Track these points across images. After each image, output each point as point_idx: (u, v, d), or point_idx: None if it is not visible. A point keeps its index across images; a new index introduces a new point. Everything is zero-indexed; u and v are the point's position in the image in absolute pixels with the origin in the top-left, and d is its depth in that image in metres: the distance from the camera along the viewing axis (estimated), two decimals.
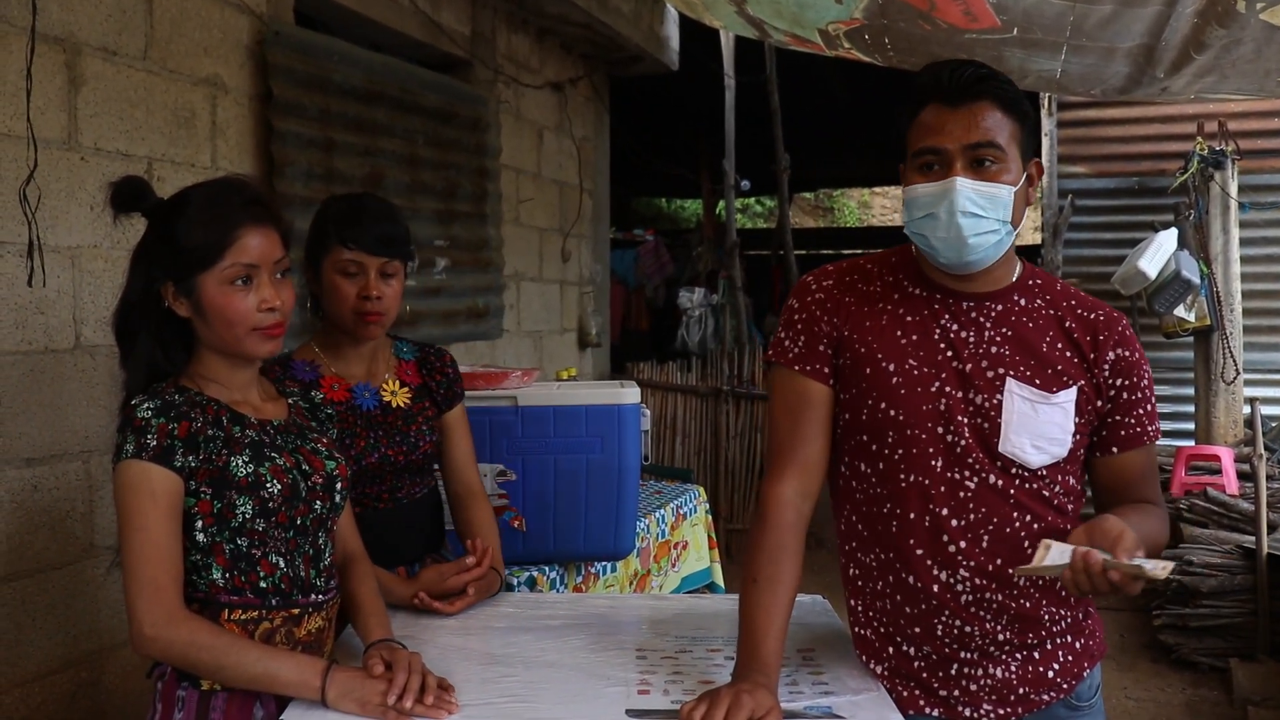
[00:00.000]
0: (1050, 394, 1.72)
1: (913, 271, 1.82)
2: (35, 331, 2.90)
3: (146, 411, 1.66)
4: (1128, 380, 1.76)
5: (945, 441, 1.73)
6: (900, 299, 1.80)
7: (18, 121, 2.81)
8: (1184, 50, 3.57)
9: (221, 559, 1.71)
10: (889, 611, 1.80)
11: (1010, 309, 1.77)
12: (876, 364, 1.76)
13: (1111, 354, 1.75)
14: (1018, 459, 1.71)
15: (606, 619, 2.13)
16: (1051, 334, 1.76)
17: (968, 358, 1.74)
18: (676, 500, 3.95)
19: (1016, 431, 1.71)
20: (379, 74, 4.39)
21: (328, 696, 1.63)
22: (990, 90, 1.68)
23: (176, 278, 1.71)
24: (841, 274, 1.87)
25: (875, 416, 1.76)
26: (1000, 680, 1.76)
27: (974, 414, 1.72)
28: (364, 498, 2.26)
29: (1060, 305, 1.79)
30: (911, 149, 1.73)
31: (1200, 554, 4.84)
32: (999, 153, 1.67)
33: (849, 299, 1.82)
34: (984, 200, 1.67)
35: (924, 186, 1.70)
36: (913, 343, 1.76)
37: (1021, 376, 1.72)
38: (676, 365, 7.41)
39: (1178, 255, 5.82)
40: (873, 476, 1.79)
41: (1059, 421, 1.72)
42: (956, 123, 1.67)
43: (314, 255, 2.27)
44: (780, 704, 1.57)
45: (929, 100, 1.71)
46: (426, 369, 2.41)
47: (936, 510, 1.73)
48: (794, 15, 3.98)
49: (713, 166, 10.50)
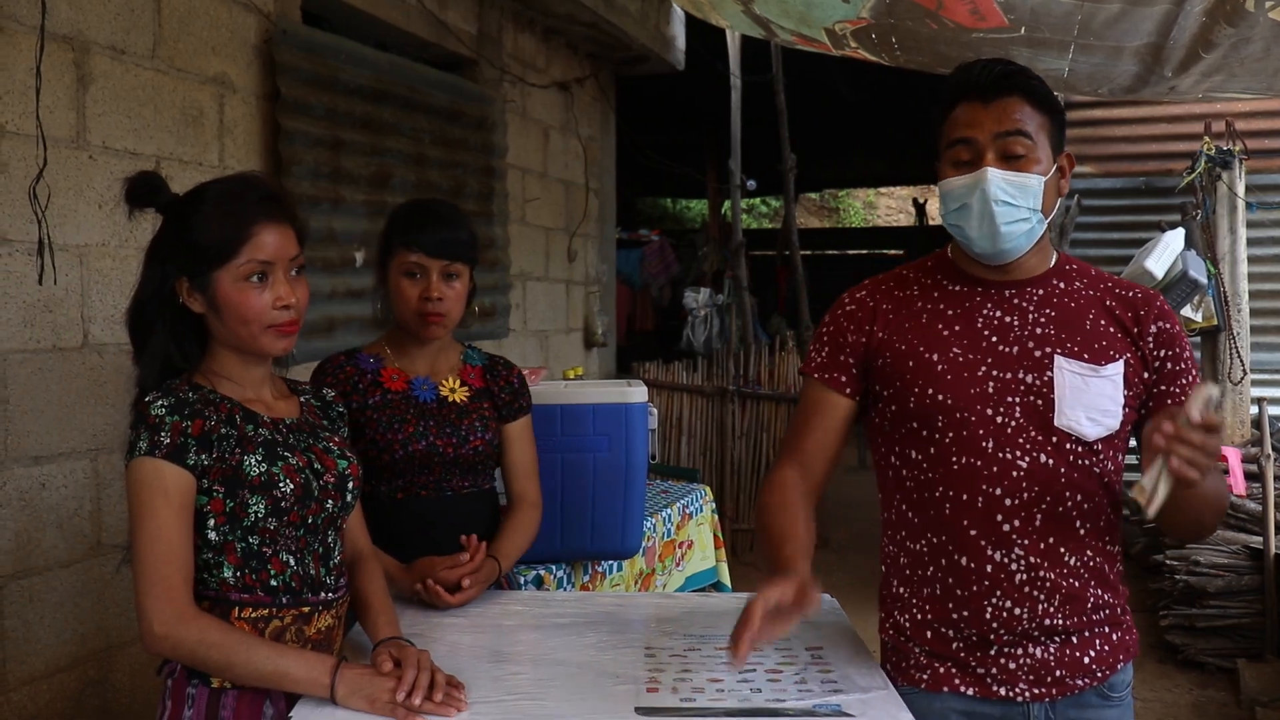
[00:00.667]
0: (1100, 366, 1.76)
1: (951, 271, 1.89)
2: (43, 330, 2.91)
3: (160, 409, 1.67)
4: (1171, 351, 1.80)
5: (995, 423, 1.76)
6: (940, 296, 1.87)
7: (27, 120, 2.82)
8: (1192, 49, 3.57)
9: (233, 557, 1.71)
10: (937, 597, 1.82)
11: (1051, 292, 1.83)
12: (919, 356, 1.82)
13: (1154, 327, 1.81)
14: (1075, 431, 1.75)
15: (615, 617, 2.13)
16: (1094, 311, 1.82)
17: (1013, 340, 1.79)
18: (682, 499, 3.95)
19: (1071, 405, 1.75)
20: (386, 73, 4.40)
21: (337, 694, 1.62)
22: (1020, 85, 1.74)
23: (191, 274, 1.71)
24: (877, 284, 1.94)
25: (924, 403, 1.80)
26: (1039, 660, 1.78)
27: (1026, 392, 1.76)
28: (410, 486, 2.30)
29: (1099, 286, 1.85)
30: (945, 143, 1.79)
31: (1207, 554, 4.83)
32: (1028, 142, 1.73)
33: (886, 305, 1.89)
34: (1014, 189, 1.73)
35: (957, 179, 1.76)
36: (955, 333, 1.82)
37: (1069, 352, 1.77)
38: (682, 365, 7.41)
39: (1185, 255, 5.81)
40: (924, 462, 1.82)
41: (1110, 394, 1.76)
42: (987, 115, 1.74)
43: (382, 258, 2.34)
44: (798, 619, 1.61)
45: (961, 98, 1.77)
46: (492, 375, 2.44)
47: (990, 490, 1.76)
48: (801, 14, 3.98)
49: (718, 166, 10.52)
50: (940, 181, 1.81)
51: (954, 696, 1.80)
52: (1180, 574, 4.80)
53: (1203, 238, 5.99)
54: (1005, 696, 1.78)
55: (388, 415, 2.28)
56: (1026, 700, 1.79)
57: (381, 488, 2.28)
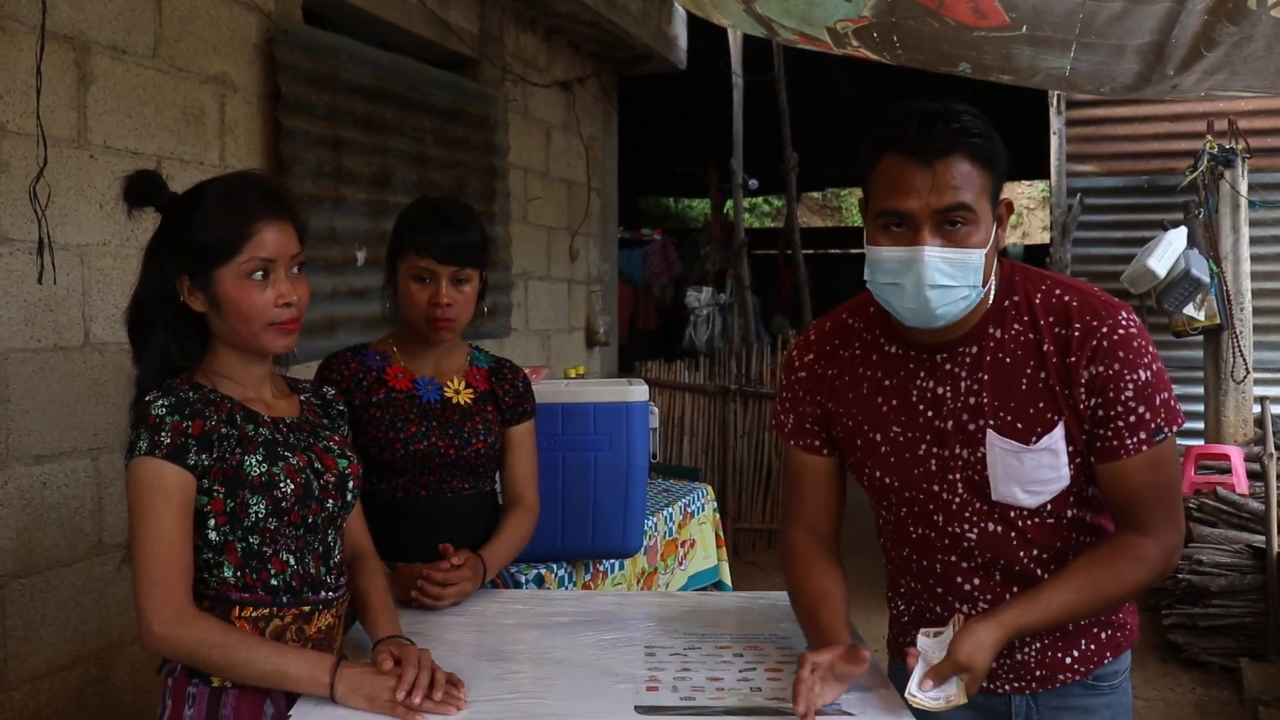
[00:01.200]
0: (1030, 442, 1.68)
1: (888, 328, 1.81)
2: (45, 329, 2.91)
3: (161, 408, 1.66)
4: (1103, 397, 1.65)
5: (941, 499, 1.77)
6: (878, 360, 1.81)
7: (27, 119, 2.82)
8: (1194, 47, 3.55)
9: (233, 557, 1.71)
10: (915, 592, 1.89)
11: (985, 349, 1.72)
12: (865, 435, 1.82)
13: (1085, 374, 1.65)
14: (1012, 503, 1.73)
15: (615, 616, 2.13)
16: (1031, 365, 1.69)
17: (947, 414, 1.74)
18: (684, 499, 3.95)
19: (1004, 482, 1.72)
20: (387, 72, 4.39)
21: (337, 692, 1.62)
22: (960, 145, 1.58)
23: (192, 272, 1.71)
24: (823, 341, 1.88)
25: (875, 483, 1.84)
26: (1018, 663, 1.81)
27: (964, 468, 1.74)
28: (410, 485, 2.29)
29: (1038, 324, 1.70)
30: (874, 207, 1.64)
31: (1210, 553, 4.82)
32: (969, 214, 1.59)
33: (831, 371, 1.86)
34: (953, 269, 1.60)
35: (889, 250, 1.63)
36: (894, 408, 1.79)
37: (1002, 425, 1.69)
38: (684, 364, 7.41)
39: (1187, 254, 5.81)
40: (888, 527, 1.89)
41: (1048, 463, 1.69)
42: (924, 183, 1.57)
43: (391, 257, 2.32)
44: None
45: (892, 149, 1.60)
46: (497, 378, 2.43)
47: (947, 559, 1.80)
48: (802, 13, 3.97)
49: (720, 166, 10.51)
50: (869, 245, 1.66)
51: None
52: (1183, 573, 4.79)
53: (1205, 236, 5.98)
54: (988, 690, 1.80)
55: (390, 414, 2.27)
56: (1008, 693, 1.82)
57: (381, 485, 2.28)
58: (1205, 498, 5.17)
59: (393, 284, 2.34)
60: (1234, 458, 5.41)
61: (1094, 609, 1.72)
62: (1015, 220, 19.27)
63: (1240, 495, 5.13)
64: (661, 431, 6.99)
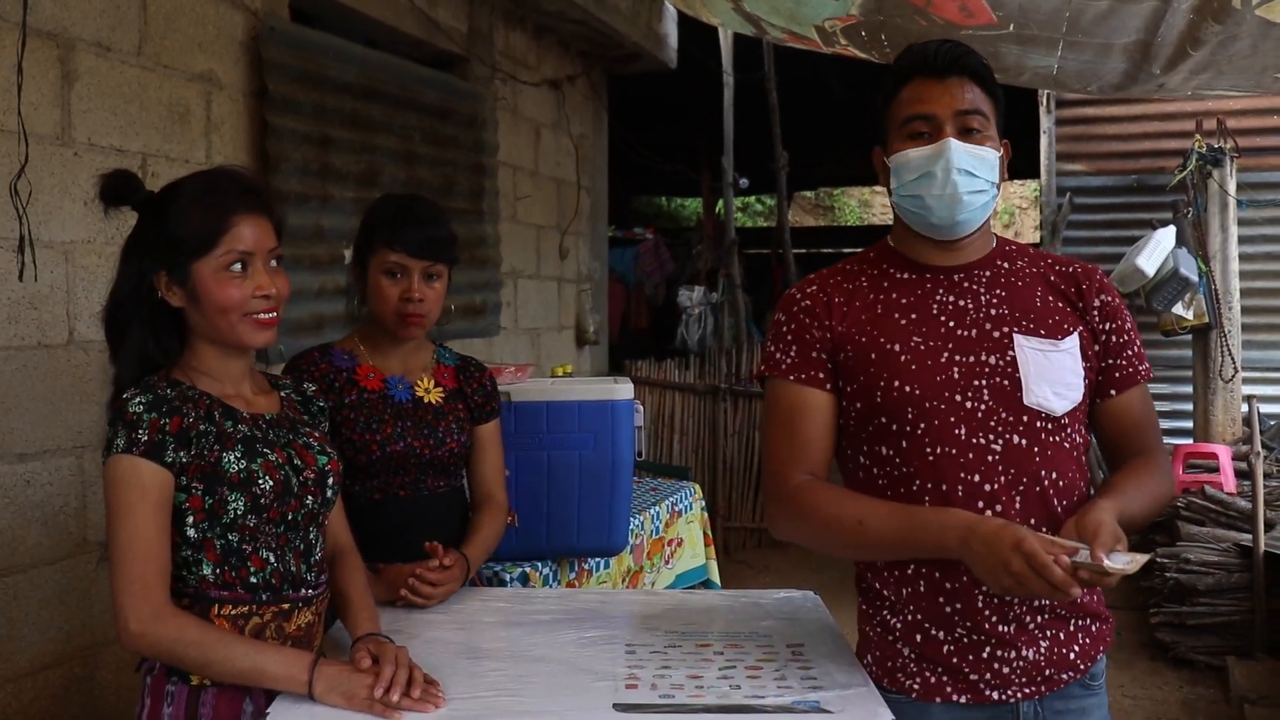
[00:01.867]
0: (1058, 340, 1.79)
1: (897, 260, 1.89)
2: (28, 326, 2.90)
3: (138, 406, 1.66)
4: (1114, 323, 1.84)
5: (965, 408, 1.75)
6: (890, 285, 1.86)
7: (9, 116, 2.81)
8: (1180, 46, 3.56)
9: (212, 554, 1.71)
10: (924, 594, 1.77)
11: (998, 273, 1.85)
12: (881, 347, 1.79)
13: (1098, 300, 1.84)
14: (1044, 408, 1.75)
15: (597, 614, 2.12)
16: (1041, 288, 1.85)
17: (970, 323, 1.79)
18: (672, 497, 3.94)
19: (1036, 382, 1.76)
20: (375, 70, 4.39)
21: (315, 690, 1.62)
22: (970, 65, 1.79)
23: (170, 266, 1.71)
24: (825, 278, 1.91)
25: (890, 396, 1.76)
26: (1030, 662, 1.75)
27: (991, 374, 1.76)
28: (386, 486, 2.29)
29: (1040, 264, 1.89)
30: (898, 120, 1.81)
31: (1197, 552, 4.83)
32: (984, 120, 1.78)
33: (838, 298, 1.85)
34: (975, 160, 1.76)
35: (917, 150, 1.78)
36: (913, 321, 1.81)
37: (1026, 330, 1.79)
38: (675, 363, 7.41)
39: (1176, 253, 5.82)
40: (896, 457, 1.77)
41: (1070, 366, 1.78)
42: (944, 92, 1.77)
43: (361, 254, 2.32)
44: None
45: (913, 76, 1.80)
46: (464, 376, 2.44)
47: (967, 478, 1.73)
48: (791, 12, 3.98)
49: (712, 164, 10.50)
50: (894, 155, 1.81)
51: (945, 707, 1.76)
52: (1170, 572, 4.80)
53: (1194, 235, 5.99)
54: (997, 700, 1.75)
55: (365, 415, 2.27)
56: (1017, 700, 1.76)
57: (356, 487, 2.27)
58: (1193, 496, 5.18)
59: (360, 280, 2.33)
60: (1222, 457, 5.42)
61: (1150, 508, 1.77)
62: (1006, 220, 19.32)
63: (1228, 494, 5.15)
64: (651, 430, 6.99)
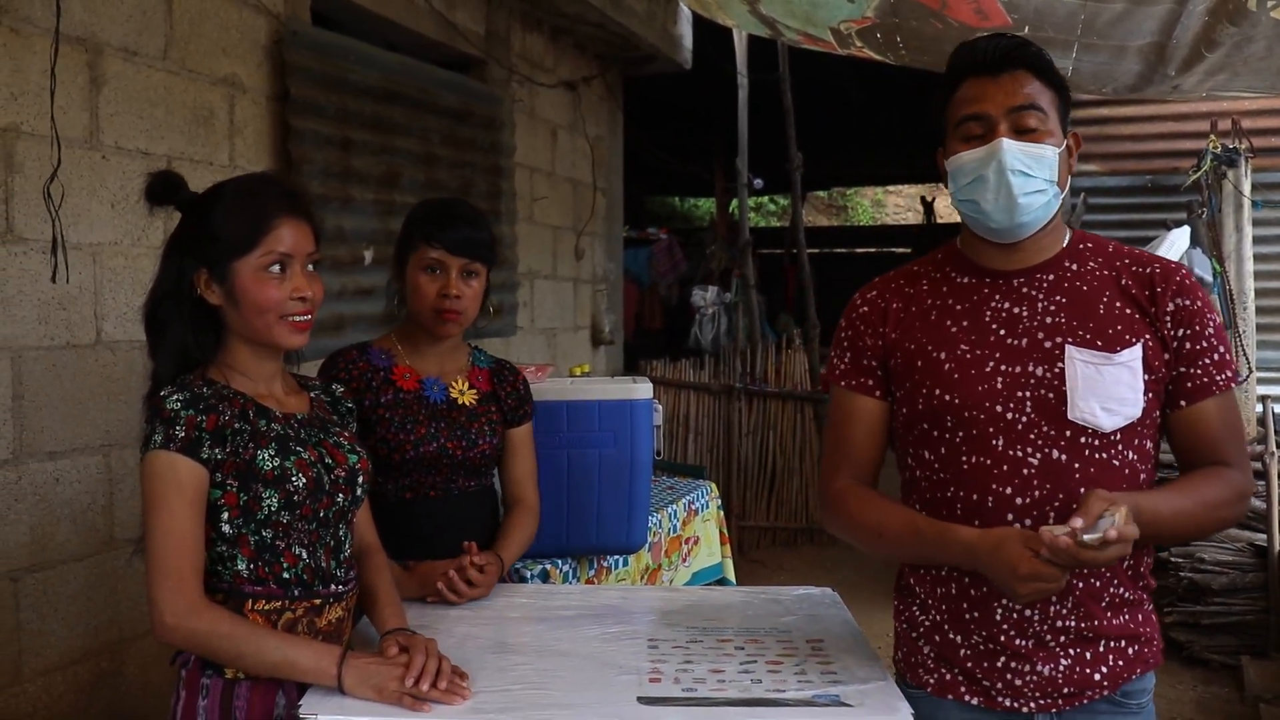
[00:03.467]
0: (1113, 354, 1.70)
1: (960, 263, 1.85)
2: (57, 327, 2.95)
3: (176, 403, 1.70)
4: (1189, 329, 1.73)
5: (1005, 420, 1.72)
6: (949, 290, 1.83)
7: (41, 120, 2.86)
8: (1195, 48, 3.58)
9: (246, 550, 1.74)
10: (951, 598, 1.78)
11: (1063, 276, 1.78)
12: (928, 355, 1.79)
13: (1171, 304, 1.73)
14: (1090, 424, 1.70)
15: (619, 609, 2.15)
16: (1109, 294, 1.75)
17: (1022, 332, 1.75)
18: (688, 496, 3.98)
19: (1084, 397, 1.69)
20: (395, 73, 4.43)
21: (344, 683, 1.65)
22: (1026, 58, 1.72)
23: (210, 264, 1.75)
24: (887, 282, 1.92)
25: (931, 404, 1.77)
26: (1045, 678, 1.73)
27: (1036, 386, 1.71)
28: (418, 485, 2.33)
29: (1115, 264, 1.78)
30: (953, 121, 1.76)
31: (1212, 551, 4.85)
32: (1041, 115, 1.71)
33: (895, 304, 1.86)
34: (1030, 160, 1.69)
35: (970, 153, 1.73)
36: (964, 329, 1.78)
37: (1081, 341, 1.72)
38: (689, 363, 7.43)
39: (1190, 253, 5.81)
40: (935, 463, 1.79)
41: (1127, 381, 1.70)
42: (998, 89, 1.71)
43: (401, 252, 2.37)
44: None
45: (967, 75, 1.74)
46: (498, 379, 2.47)
47: (999, 490, 1.72)
48: (806, 14, 4.00)
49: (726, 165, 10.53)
50: (950, 158, 1.76)
51: (958, 706, 1.77)
52: (1185, 571, 4.81)
53: (1208, 236, 5.98)
54: (1009, 708, 1.74)
55: (400, 415, 2.30)
56: (1031, 711, 1.74)
57: (389, 486, 2.31)
58: None
59: (399, 279, 2.37)
60: None
61: (1196, 520, 1.71)
62: None
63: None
64: (666, 430, 7.02)
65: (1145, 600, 1.80)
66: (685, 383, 7.24)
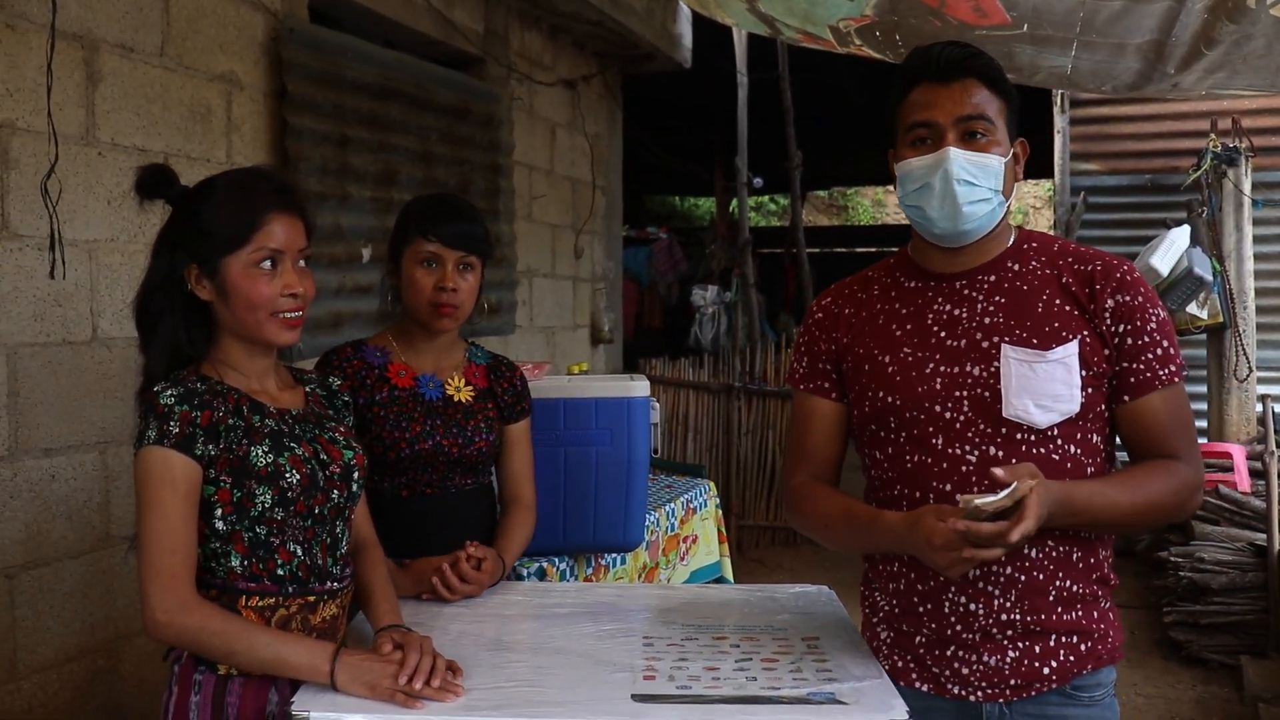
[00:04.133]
0: (1046, 350, 1.73)
1: (908, 268, 1.91)
2: (53, 324, 2.95)
3: (170, 398, 1.69)
4: (1130, 325, 1.74)
5: (944, 419, 1.77)
6: (896, 295, 1.89)
7: (38, 116, 2.85)
8: (1194, 46, 3.57)
9: (240, 547, 1.73)
10: (902, 591, 1.85)
11: (1003, 277, 1.81)
12: (874, 359, 1.85)
13: (1110, 301, 1.75)
14: (1023, 420, 1.73)
15: (614, 607, 2.14)
16: (1048, 292, 1.78)
17: (962, 333, 1.79)
18: (686, 494, 3.97)
19: (1017, 394, 1.73)
20: (393, 71, 4.42)
21: (337, 680, 1.64)
22: (977, 67, 1.75)
23: (201, 260, 1.74)
24: (841, 289, 1.98)
25: (877, 405, 1.83)
26: (992, 668, 1.78)
27: (973, 385, 1.76)
28: (414, 483, 2.31)
29: (1057, 263, 1.81)
30: (903, 126, 1.80)
31: (1211, 551, 4.84)
32: (989, 125, 1.74)
33: (847, 310, 1.93)
34: (976, 169, 1.73)
35: (917, 159, 1.76)
36: (906, 332, 1.84)
37: (1016, 340, 1.75)
38: (689, 362, 7.43)
39: (1190, 252, 5.81)
40: (885, 462, 1.86)
41: (1061, 378, 1.73)
42: (947, 97, 1.74)
43: (396, 248, 2.36)
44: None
45: (919, 80, 1.78)
46: (495, 375, 2.46)
47: (940, 487, 1.77)
48: (805, 12, 4.00)
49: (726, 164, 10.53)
50: (899, 163, 1.80)
51: (910, 692, 1.80)
52: (1184, 570, 4.80)
53: (1208, 235, 5.98)
54: (959, 695, 1.80)
55: (395, 412, 2.29)
56: (979, 700, 1.80)
57: (385, 484, 2.30)
58: (1207, 496, 5.18)
59: (394, 276, 2.36)
60: (1236, 456, 5.42)
61: (1136, 512, 1.71)
62: (1020, 219, 19.25)
63: (1242, 493, 5.15)
64: (666, 429, 7.02)
65: (1101, 596, 1.82)
66: (684, 382, 7.24)
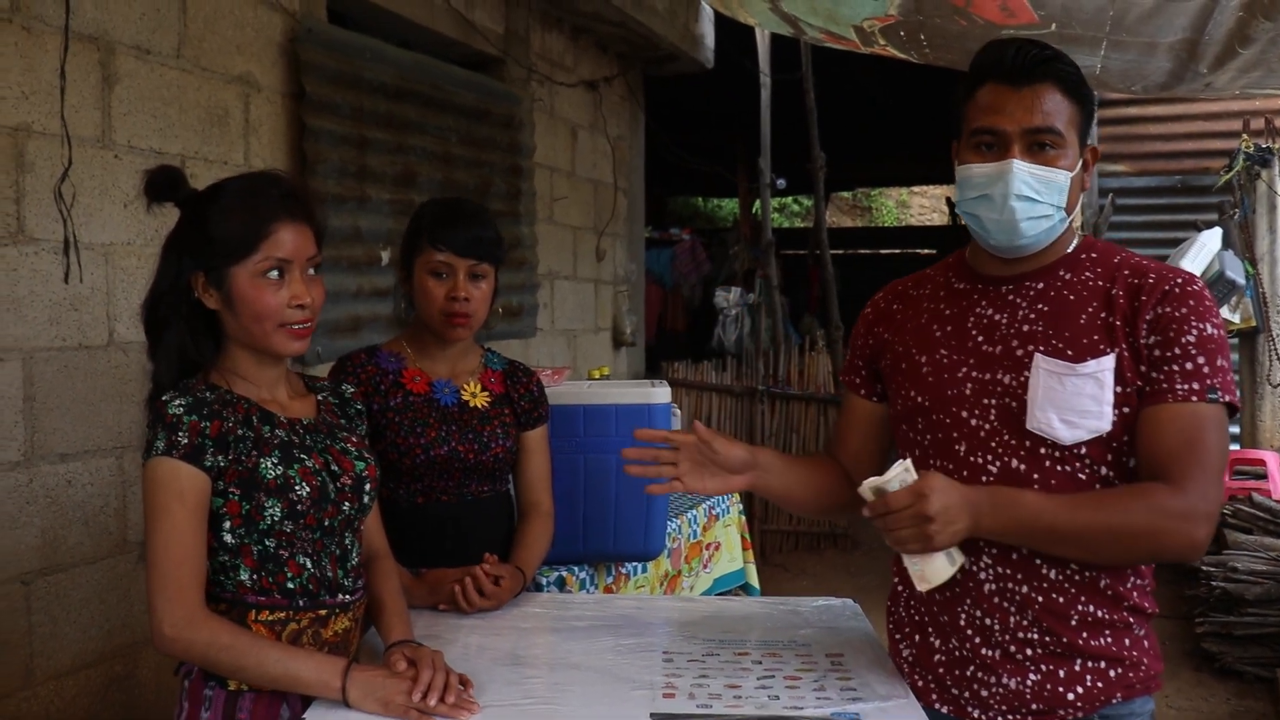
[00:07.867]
0: (1078, 364, 1.64)
1: (962, 269, 1.85)
2: (69, 328, 2.93)
3: (179, 408, 1.66)
4: (1163, 336, 1.62)
5: (969, 425, 1.72)
6: (944, 295, 1.85)
7: (52, 119, 2.84)
8: (1228, 45, 3.50)
9: (249, 560, 1.70)
10: (923, 598, 1.79)
11: (1051, 284, 1.73)
12: (911, 358, 1.82)
13: (1151, 313, 1.64)
14: (1046, 434, 1.65)
15: (634, 620, 2.11)
16: (1095, 303, 1.68)
17: (998, 339, 1.73)
18: (709, 500, 3.92)
19: (1042, 406, 1.65)
20: (411, 72, 4.39)
21: (349, 697, 1.61)
22: (1054, 72, 1.66)
23: (208, 268, 1.70)
24: (896, 285, 1.96)
25: (907, 405, 1.81)
26: (1013, 692, 1.69)
27: (1002, 394, 1.70)
28: (430, 490, 2.28)
29: (1111, 275, 1.70)
30: (968, 127, 1.71)
31: (1245, 560, 4.75)
32: (1058, 138, 1.66)
33: (896, 306, 1.90)
34: (1040, 184, 1.66)
35: (979, 167, 1.69)
36: (946, 333, 1.80)
37: (1051, 350, 1.67)
38: (712, 365, 7.38)
39: (1222, 255, 5.73)
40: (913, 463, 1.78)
41: (1090, 393, 1.63)
42: (1017, 104, 1.65)
43: (407, 255, 2.32)
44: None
45: (989, 78, 1.69)
46: (511, 381, 2.42)
47: None
48: (829, 12, 3.95)
49: (749, 165, 10.48)
50: (960, 165, 1.73)
51: (930, 712, 1.73)
52: (1217, 580, 4.72)
53: (1240, 237, 5.89)
54: (978, 719, 1.73)
55: (409, 418, 2.26)
56: None
57: (400, 491, 2.27)
58: (1240, 504, 5.09)
59: (407, 284, 2.33)
60: (1270, 463, 5.33)
61: (1093, 534, 1.58)
62: None
63: (1276, 501, 5.05)
64: None
65: (1135, 624, 1.71)
66: (707, 385, 7.19)
